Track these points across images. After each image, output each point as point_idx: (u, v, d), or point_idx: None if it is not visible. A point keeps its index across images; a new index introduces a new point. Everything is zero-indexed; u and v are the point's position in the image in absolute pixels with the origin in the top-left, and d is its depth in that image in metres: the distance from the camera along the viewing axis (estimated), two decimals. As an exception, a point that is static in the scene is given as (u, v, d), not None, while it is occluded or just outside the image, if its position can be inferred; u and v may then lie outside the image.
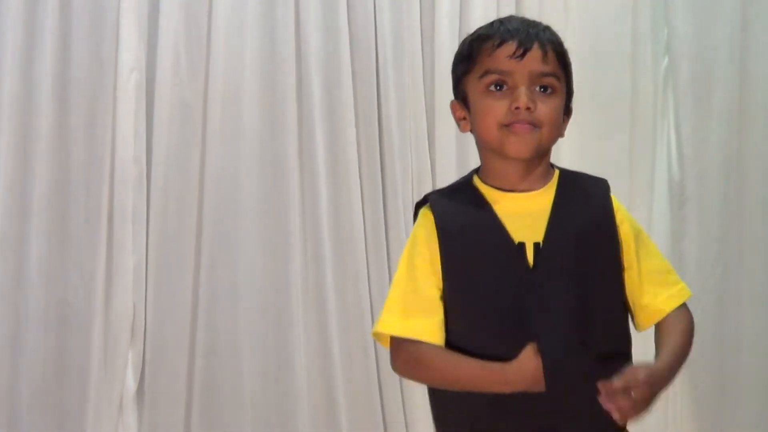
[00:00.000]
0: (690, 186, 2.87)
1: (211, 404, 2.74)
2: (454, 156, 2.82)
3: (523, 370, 1.58)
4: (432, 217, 1.74)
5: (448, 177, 2.43)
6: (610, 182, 1.78)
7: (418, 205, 1.77)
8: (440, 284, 1.70)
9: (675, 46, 2.99)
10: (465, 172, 1.78)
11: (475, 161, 1.72)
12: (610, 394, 1.49)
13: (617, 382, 1.49)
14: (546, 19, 1.83)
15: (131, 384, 2.77)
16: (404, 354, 1.70)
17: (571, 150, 2.41)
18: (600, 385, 1.49)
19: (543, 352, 1.53)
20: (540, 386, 1.53)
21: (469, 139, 1.75)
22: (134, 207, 2.73)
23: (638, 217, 2.20)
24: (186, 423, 2.76)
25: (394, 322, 1.69)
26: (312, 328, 2.55)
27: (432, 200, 1.79)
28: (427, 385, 1.76)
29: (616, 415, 1.49)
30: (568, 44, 1.74)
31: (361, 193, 2.72)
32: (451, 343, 1.68)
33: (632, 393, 1.52)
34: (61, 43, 2.70)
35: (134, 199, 2.72)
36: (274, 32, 2.79)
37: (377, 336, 1.71)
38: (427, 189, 2.40)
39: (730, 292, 2.97)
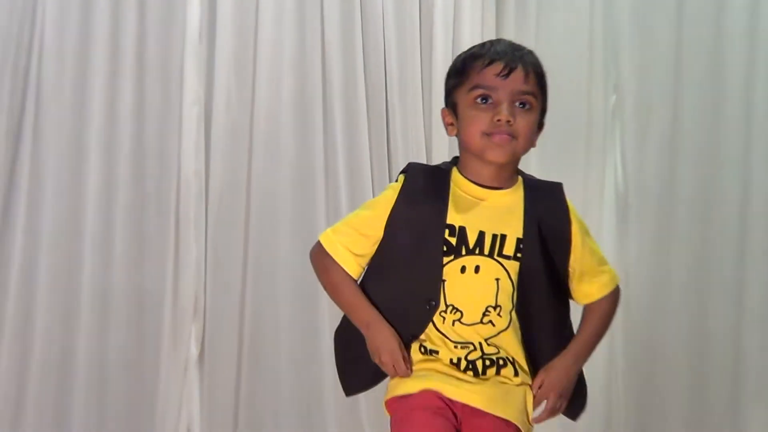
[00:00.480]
0: (631, 197, 3.47)
1: (256, 367, 3.35)
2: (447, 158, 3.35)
3: (379, 340, 2.01)
4: (400, 186, 2.09)
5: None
6: (570, 194, 2.14)
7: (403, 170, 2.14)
8: (379, 236, 2.04)
9: (622, 86, 3.56)
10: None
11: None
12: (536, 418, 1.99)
13: (538, 415, 1.98)
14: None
15: (194, 351, 3.37)
16: (325, 260, 2.07)
17: (538, 167, 2.96)
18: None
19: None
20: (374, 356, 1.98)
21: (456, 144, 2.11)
22: (195, 212, 3.32)
23: (590, 220, 2.77)
24: (237, 382, 3.35)
25: (335, 243, 2.06)
26: (335, 307, 3.21)
27: (409, 172, 2.12)
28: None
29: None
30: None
31: (372, 191, 3.27)
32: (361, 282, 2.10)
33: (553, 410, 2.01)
34: (139, 83, 3.31)
35: (195, 205, 3.31)
36: (305, 70, 3.36)
37: (322, 238, 2.06)
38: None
39: (661, 278, 3.59)
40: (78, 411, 3.32)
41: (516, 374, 2.08)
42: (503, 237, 2.07)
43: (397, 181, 2.12)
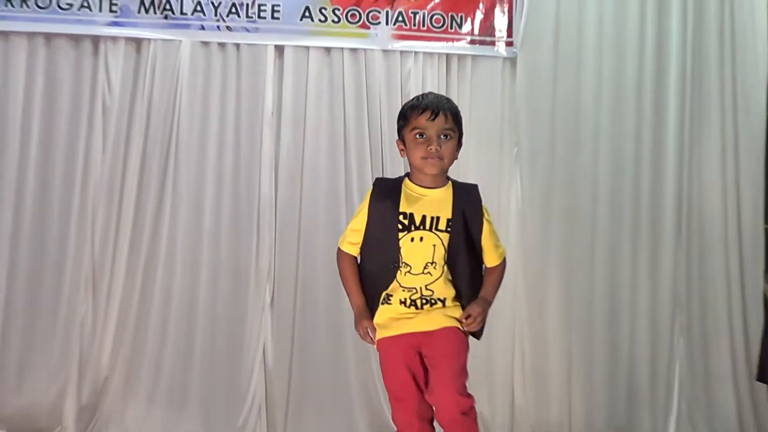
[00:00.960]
0: (526, 207, 4.88)
1: (303, 309, 4.80)
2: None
3: (357, 314, 3.18)
4: (370, 193, 3.14)
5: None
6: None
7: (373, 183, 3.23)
8: (363, 227, 3.11)
9: (520, 141, 4.92)
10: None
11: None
12: (468, 328, 3.03)
13: (467, 316, 3.02)
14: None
15: (268, 299, 4.85)
16: (343, 255, 3.21)
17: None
18: (461, 318, 3.01)
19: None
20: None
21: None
22: (269, 215, 4.84)
23: (502, 220, 4.56)
24: (293, 318, 4.79)
25: (342, 241, 3.20)
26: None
27: (376, 184, 3.21)
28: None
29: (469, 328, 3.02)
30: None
31: None
32: (365, 263, 3.18)
33: (474, 318, 3.03)
34: (236, 141, 4.85)
35: (269, 211, 4.83)
36: (333, 133, 4.87)
37: (339, 243, 3.22)
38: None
39: (543, 256, 4.94)
40: (201, 336, 4.81)
41: (443, 306, 3.11)
42: (438, 218, 3.11)
43: (377, 183, 3.26)
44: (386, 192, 3.18)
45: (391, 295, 3.11)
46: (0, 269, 4.82)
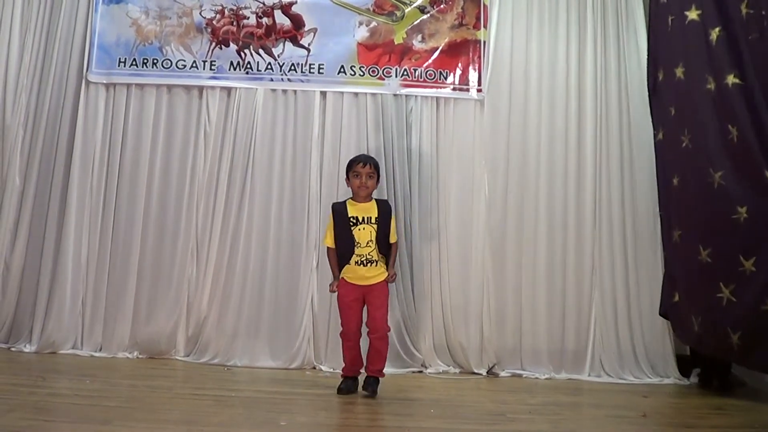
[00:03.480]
0: (492, 210, 6.47)
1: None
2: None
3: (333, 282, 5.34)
4: (332, 212, 5.33)
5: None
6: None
7: (333, 206, 5.38)
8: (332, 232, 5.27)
9: (488, 156, 6.47)
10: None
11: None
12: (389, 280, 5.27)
13: (389, 278, 5.27)
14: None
15: (314, 264, 6.29)
16: (328, 249, 5.35)
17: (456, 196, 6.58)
18: (388, 278, 5.26)
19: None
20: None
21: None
22: (315, 204, 6.32)
23: (474, 213, 6.37)
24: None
25: (326, 239, 5.37)
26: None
27: (333, 207, 5.39)
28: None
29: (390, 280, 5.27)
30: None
31: None
32: (337, 247, 5.32)
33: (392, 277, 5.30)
34: (293, 159, 6.41)
35: (316, 201, 6.31)
36: (358, 142, 6.37)
37: (326, 243, 5.37)
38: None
39: (505, 240, 6.44)
40: (269, 289, 6.27)
41: (376, 266, 5.26)
42: (370, 217, 5.26)
43: (335, 205, 5.34)
44: (340, 208, 5.35)
45: (350, 258, 5.25)
46: (134, 243, 6.41)
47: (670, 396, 5.85)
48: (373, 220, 5.28)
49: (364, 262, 5.24)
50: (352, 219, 5.28)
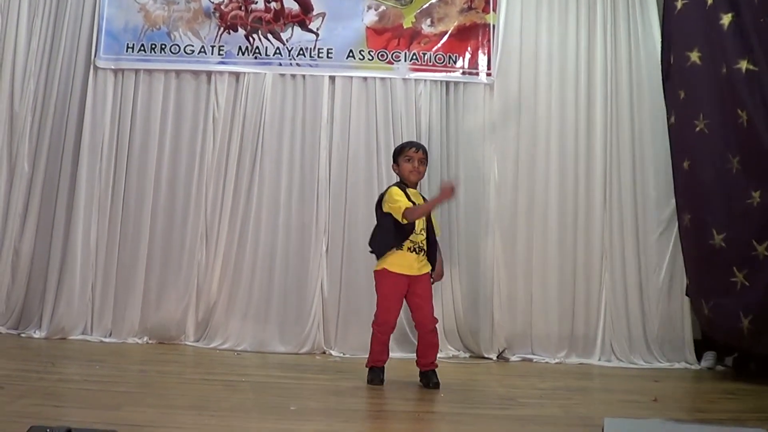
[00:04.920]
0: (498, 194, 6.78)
1: (350, 255, 6.26)
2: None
3: (443, 191, 4.89)
4: (399, 189, 4.96)
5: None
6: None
7: (389, 187, 5.05)
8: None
9: (497, 138, 6.48)
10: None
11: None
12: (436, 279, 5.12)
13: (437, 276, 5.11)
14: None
15: (324, 249, 6.35)
16: (410, 210, 4.83)
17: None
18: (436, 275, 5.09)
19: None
20: (448, 195, 4.91)
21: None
22: (325, 189, 6.35)
23: (483, 197, 6.37)
24: (341, 262, 6.25)
25: (403, 206, 4.85)
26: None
27: (396, 185, 5.04)
28: (416, 219, 4.88)
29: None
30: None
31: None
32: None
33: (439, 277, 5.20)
34: (302, 144, 6.41)
35: (325, 187, 6.35)
36: (369, 139, 6.41)
37: (402, 211, 4.81)
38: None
39: (515, 223, 6.54)
40: (278, 273, 6.29)
41: (424, 255, 4.99)
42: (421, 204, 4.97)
43: (395, 185, 5.01)
44: (402, 188, 5.07)
45: (403, 245, 4.97)
46: (143, 228, 6.44)
47: (681, 380, 5.84)
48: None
49: (417, 249, 5.03)
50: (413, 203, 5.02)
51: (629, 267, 6.55)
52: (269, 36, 6.64)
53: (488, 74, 6.63)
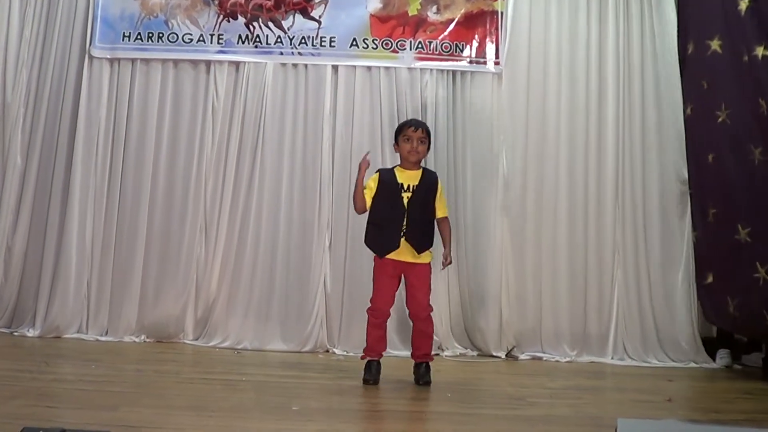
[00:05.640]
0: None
1: (353, 250, 6.21)
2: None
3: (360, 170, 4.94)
4: (377, 176, 5.03)
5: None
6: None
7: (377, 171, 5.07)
8: (373, 193, 4.95)
9: (505, 130, 6.45)
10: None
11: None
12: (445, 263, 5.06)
13: (444, 260, 5.05)
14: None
15: (327, 244, 6.34)
16: (361, 203, 4.99)
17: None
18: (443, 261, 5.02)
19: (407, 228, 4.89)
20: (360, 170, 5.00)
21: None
22: (327, 181, 6.34)
23: (491, 191, 6.30)
24: (345, 257, 6.25)
25: (358, 199, 4.98)
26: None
27: (380, 171, 5.11)
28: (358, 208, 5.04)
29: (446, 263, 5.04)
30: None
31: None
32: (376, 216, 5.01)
33: (447, 259, 5.06)
34: (304, 134, 6.40)
35: (328, 179, 6.34)
36: (373, 129, 6.40)
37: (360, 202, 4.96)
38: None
39: (524, 218, 6.48)
40: (280, 270, 6.29)
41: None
42: (410, 185, 5.00)
43: (379, 170, 5.09)
44: (388, 173, 5.15)
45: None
46: (140, 223, 6.43)
47: (696, 380, 5.84)
48: (412, 188, 5.07)
49: (403, 233, 5.01)
50: (402, 186, 5.08)
51: (642, 263, 6.54)
52: (270, 24, 6.61)
53: (496, 63, 6.60)
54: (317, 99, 6.56)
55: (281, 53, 6.60)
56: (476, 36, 6.66)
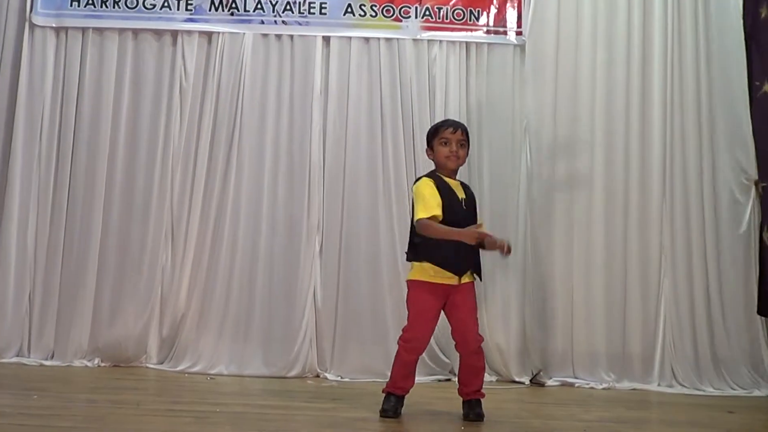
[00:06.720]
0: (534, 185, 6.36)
1: (347, 256, 6.11)
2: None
3: (469, 233, 4.48)
4: (432, 182, 4.69)
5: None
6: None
7: (417, 179, 4.77)
8: (440, 202, 4.61)
9: (529, 114, 6.23)
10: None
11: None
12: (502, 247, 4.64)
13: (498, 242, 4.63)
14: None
15: (317, 249, 6.19)
16: (424, 224, 4.54)
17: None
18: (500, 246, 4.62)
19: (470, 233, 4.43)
20: (472, 240, 4.48)
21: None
22: (318, 178, 6.20)
23: (512, 187, 6.07)
24: (338, 264, 6.12)
25: (422, 214, 4.58)
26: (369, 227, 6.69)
27: (428, 175, 4.77)
28: (431, 237, 4.49)
29: (505, 250, 4.64)
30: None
31: (403, 172, 6.20)
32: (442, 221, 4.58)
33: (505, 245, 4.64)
34: (290, 119, 6.18)
35: (318, 174, 6.19)
36: (371, 110, 6.24)
37: (419, 217, 4.54)
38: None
39: (550, 220, 6.24)
40: (261, 280, 6.11)
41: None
42: (463, 198, 4.79)
43: (426, 176, 4.73)
44: (439, 180, 4.82)
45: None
46: (95, 224, 6.26)
47: (762, 411, 5.64)
48: (464, 202, 4.87)
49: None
50: (461, 199, 4.83)
51: (695, 272, 6.36)
52: (249, -14, 6.37)
53: (518, 33, 6.50)
54: (305, 77, 6.40)
55: (262, 22, 6.46)
56: (494, 1, 6.52)
